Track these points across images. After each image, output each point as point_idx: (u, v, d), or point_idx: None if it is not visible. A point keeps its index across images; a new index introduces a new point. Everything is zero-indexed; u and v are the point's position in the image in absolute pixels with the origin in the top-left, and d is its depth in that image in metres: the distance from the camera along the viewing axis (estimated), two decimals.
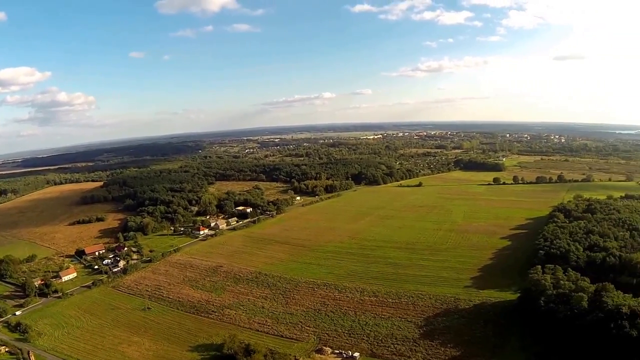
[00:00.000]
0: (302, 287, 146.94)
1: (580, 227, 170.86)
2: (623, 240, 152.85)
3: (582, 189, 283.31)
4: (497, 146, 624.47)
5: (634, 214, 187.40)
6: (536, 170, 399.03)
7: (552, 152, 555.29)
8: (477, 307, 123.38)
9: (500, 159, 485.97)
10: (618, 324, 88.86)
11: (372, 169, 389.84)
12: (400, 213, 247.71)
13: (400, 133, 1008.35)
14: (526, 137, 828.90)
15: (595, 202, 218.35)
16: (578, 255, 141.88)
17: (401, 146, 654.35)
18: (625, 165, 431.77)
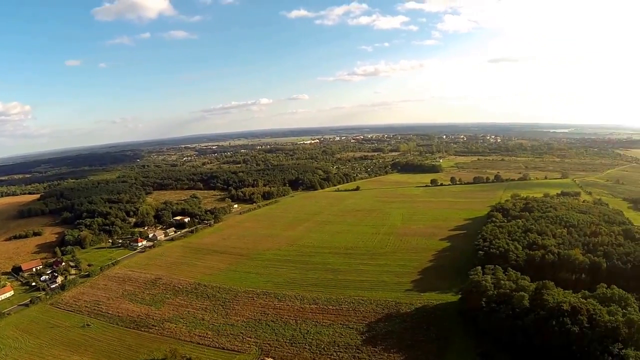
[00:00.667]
0: (242, 297, 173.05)
1: (518, 226, 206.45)
2: (561, 237, 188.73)
3: (519, 188, 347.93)
4: (434, 148, 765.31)
5: (571, 211, 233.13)
6: (473, 170, 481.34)
7: (488, 152, 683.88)
8: (418, 310, 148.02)
9: (438, 160, 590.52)
10: (560, 320, 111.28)
11: (309, 174, 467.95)
12: (338, 218, 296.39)
13: (337, 137, 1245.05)
14: (463, 138, 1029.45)
15: (532, 200, 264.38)
16: (517, 254, 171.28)
17: (338, 150, 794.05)
18: (560, 163, 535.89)
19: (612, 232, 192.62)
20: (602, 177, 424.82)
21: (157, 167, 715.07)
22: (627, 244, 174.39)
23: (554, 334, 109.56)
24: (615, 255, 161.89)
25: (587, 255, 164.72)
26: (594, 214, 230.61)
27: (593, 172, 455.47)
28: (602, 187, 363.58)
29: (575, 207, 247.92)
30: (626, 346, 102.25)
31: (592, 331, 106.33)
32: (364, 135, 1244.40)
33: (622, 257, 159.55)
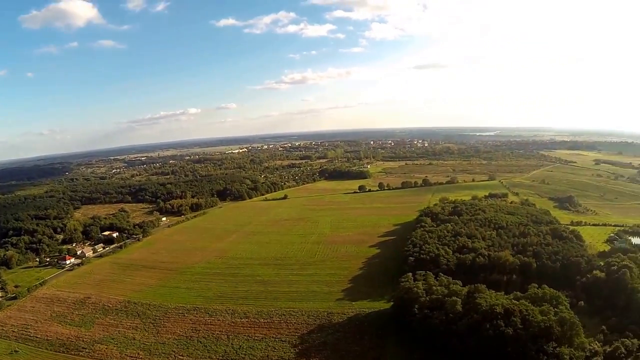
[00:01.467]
0: (173, 313, 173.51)
1: (448, 230, 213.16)
2: (490, 239, 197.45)
3: (448, 191, 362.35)
4: (362, 154, 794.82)
5: (499, 213, 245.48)
6: (401, 175, 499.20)
7: (416, 157, 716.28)
8: (351, 319, 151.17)
9: (365, 166, 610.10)
10: (494, 323, 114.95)
11: (237, 184, 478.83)
12: (266, 228, 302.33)
13: (266, 145, 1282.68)
14: (390, 143, 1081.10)
15: (460, 203, 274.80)
16: (448, 258, 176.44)
17: (266, 159, 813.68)
18: (487, 165, 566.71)
19: (540, 232, 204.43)
20: (528, 177, 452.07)
21: (86, 180, 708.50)
22: (555, 243, 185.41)
23: (488, 337, 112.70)
24: (544, 254, 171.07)
25: (517, 256, 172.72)
26: (522, 214, 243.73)
27: (519, 173, 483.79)
28: (529, 188, 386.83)
29: (504, 209, 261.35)
30: (560, 344, 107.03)
31: (526, 332, 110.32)
32: (292, 143, 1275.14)
33: (551, 256, 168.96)
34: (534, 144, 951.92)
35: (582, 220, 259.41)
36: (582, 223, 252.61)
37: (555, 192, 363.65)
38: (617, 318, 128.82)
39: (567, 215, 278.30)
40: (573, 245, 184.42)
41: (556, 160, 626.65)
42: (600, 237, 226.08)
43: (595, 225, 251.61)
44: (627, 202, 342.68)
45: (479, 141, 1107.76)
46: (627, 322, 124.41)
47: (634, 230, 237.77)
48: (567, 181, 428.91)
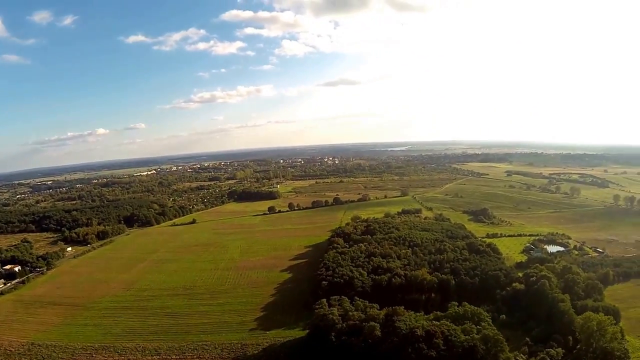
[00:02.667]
0: (80, 354, 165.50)
1: (361, 251, 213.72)
2: (406, 258, 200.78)
3: (360, 209, 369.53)
4: (272, 173, 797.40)
5: (413, 230, 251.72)
6: (312, 194, 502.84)
7: (326, 174, 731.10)
8: (266, 350, 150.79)
9: (275, 186, 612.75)
10: (415, 347, 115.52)
11: (145, 209, 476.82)
12: (175, 255, 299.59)
13: (175, 167, 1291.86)
14: (300, 161, 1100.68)
15: (373, 222, 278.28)
16: (363, 280, 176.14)
17: (175, 181, 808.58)
18: (399, 181, 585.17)
19: (456, 247, 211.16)
20: (442, 191, 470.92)
21: None
22: (472, 258, 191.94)
23: None
24: (462, 270, 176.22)
25: (434, 274, 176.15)
26: (437, 230, 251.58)
27: (432, 187, 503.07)
28: (442, 202, 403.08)
29: (418, 225, 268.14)
30: None
31: (450, 353, 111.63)
32: (201, 164, 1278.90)
33: (469, 272, 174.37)
34: (445, 158, 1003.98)
35: (498, 232, 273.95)
36: (497, 235, 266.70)
37: (469, 205, 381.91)
38: (540, 329, 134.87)
39: (482, 228, 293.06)
40: (490, 258, 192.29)
41: (469, 173, 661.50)
42: (517, 247, 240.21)
43: (510, 237, 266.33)
44: (540, 211, 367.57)
45: (391, 156, 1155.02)
46: (550, 332, 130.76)
47: (549, 238, 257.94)
48: (481, 193, 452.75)
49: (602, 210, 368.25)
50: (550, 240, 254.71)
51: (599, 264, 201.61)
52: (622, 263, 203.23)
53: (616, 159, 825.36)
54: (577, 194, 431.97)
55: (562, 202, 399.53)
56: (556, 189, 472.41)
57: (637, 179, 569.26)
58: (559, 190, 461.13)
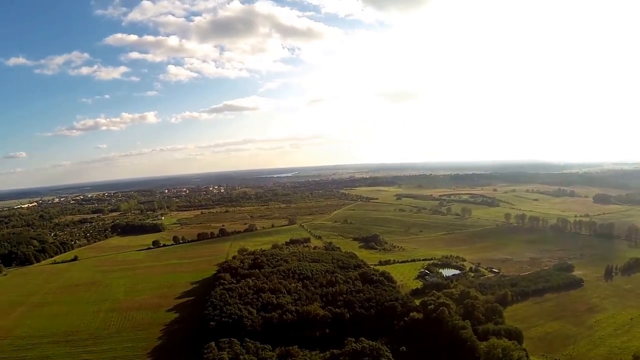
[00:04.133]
0: None
1: (249, 286, 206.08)
2: (297, 292, 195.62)
3: (247, 240, 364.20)
4: (156, 204, 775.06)
5: (303, 262, 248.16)
6: (197, 226, 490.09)
7: (212, 204, 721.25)
8: None
9: (159, 218, 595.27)
10: None
11: (24, 245, 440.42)
12: (56, 297, 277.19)
13: (57, 198, 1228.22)
14: (185, 191, 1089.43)
15: (261, 254, 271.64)
16: (253, 319, 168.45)
17: (57, 214, 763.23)
18: (286, 209, 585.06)
19: (349, 278, 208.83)
20: (330, 218, 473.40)
21: None
22: (366, 288, 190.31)
23: None
24: (357, 303, 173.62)
25: (327, 308, 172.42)
26: (328, 261, 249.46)
27: (320, 214, 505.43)
28: (331, 229, 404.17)
29: (307, 256, 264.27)
30: None
31: None
32: (84, 195, 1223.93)
33: (364, 304, 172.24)
34: (333, 183, 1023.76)
35: (391, 259, 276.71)
36: (390, 261, 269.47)
37: (360, 231, 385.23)
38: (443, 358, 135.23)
39: (374, 255, 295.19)
40: (385, 288, 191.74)
41: (357, 198, 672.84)
42: (411, 273, 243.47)
43: (404, 262, 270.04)
44: (432, 233, 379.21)
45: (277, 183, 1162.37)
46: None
47: (443, 261, 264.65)
48: (371, 219, 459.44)
49: (495, 229, 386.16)
50: (445, 264, 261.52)
51: (496, 285, 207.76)
52: (518, 282, 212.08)
53: (504, 178, 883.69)
54: (469, 214, 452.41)
55: (454, 224, 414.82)
56: (447, 210, 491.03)
57: (526, 197, 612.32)
58: (450, 212, 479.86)
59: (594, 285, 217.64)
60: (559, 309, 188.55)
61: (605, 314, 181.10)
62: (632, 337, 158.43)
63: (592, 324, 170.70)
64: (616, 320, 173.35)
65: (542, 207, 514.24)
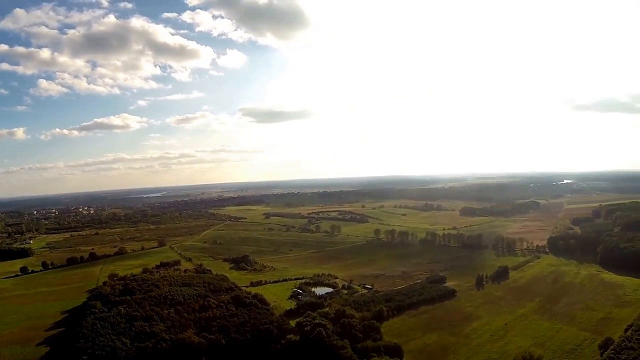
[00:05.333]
0: None
1: (121, 315, 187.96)
2: (169, 319, 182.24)
3: (117, 264, 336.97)
4: (24, 227, 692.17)
5: (174, 287, 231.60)
6: (67, 250, 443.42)
7: (82, 226, 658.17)
8: None
9: (28, 241, 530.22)
10: None
11: None
12: None
13: None
14: (55, 212, 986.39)
15: (132, 280, 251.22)
16: (127, 350, 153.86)
17: None
18: (155, 230, 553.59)
19: (222, 302, 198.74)
20: (200, 239, 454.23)
21: None
22: (239, 312, 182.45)
23: None
24: (231, 328, 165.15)
25: (202, 334, 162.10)
26: (199, 284, 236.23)
27: (190, 235, 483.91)
28: (201, 251, 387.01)
29: (179, 280, 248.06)
30: None
31: None
32: None
33: (239, 328, 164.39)
34: (202, 203, 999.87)
35: (262, 279, 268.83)
36: (262, 282, 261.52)
37: (230, 252, 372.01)
38: None
39: (245, 276, 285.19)
40: (259, 311, 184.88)
41: (226, 217, 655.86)
42: (284, 293, 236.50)
43: (276, 282, 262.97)
44: (302, 252, 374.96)
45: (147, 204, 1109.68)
46: None
47: (315, 280, 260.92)
48: (240, 238, 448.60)
49: (365, 245, 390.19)
50: (317, 282, 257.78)
51: (371, 301, 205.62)
52: (393, 297, 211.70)
53: (372, 194, 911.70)
54: (338, 231, 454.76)
55: (324, 241, 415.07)
56: (316, 228, 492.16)
57: (394, 212, 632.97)
58: (319, 229, 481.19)
59: (466, 295, 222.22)
60: (435, 320, 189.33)
61: (480, 321, 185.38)
62: (508, 341, 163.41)
63: (469, 333, 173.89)
64: (491, 327, 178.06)
65: (411, 221, 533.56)
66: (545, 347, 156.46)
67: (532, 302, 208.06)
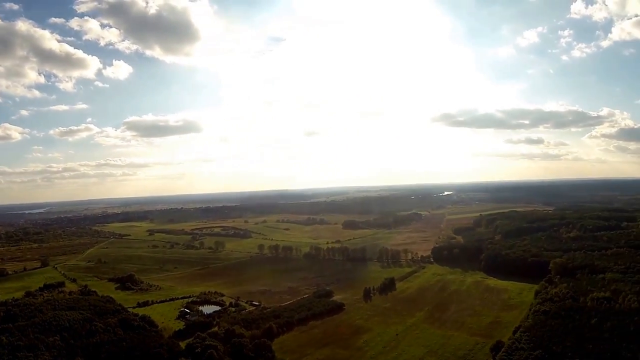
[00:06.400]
0: None
1: (3, 345, 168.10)
2: (55, 347, 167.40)
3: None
4: None
5: (59, 311, 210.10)
6: None
7: None
8: None
9: None
10: None
11: None
12: None
13: None
14: None
15: (13, 305, 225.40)
16: None
17: None
18: (38, 249, 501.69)
19: (109, 326, 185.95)
20: (84, 258, 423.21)
21: None
22: (128, 336, 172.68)
23: None
24: (121, 354, 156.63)
25: None
26: (85, 307, 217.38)
27: (74, 254, 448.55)
28: (86, 271, 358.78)
29: (63, 304, 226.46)
30: None
31: None
32: None
33: (129, 354, 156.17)
34: (86, 219, 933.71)
35: (149, 299, 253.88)
36: (149, 302, 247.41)
37: (115, 271, 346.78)
38: None
39: (131, 297, 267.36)
40: (148, 334, 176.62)
41: (110, 235, 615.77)
42: (171, 313, 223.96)
43: (163, 302, 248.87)
44: (187, 269, 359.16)
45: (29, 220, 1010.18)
46: None
47: (202, 298, 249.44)
48: (125, 257, 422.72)
49: (249, 261, 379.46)
50: (204, 300, 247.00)
51: (259, 319, 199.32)
52: (281, 313, 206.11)
53: (255, 209, 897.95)
54: (222, 247, 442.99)
55: (209, 258, 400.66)
56: (200, 244, 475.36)
57: (277, 227, 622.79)
58: (203, 246, 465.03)
59: (355, 308, 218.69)
60: (326, 335, 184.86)
61: (371, 333, 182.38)
62: (401, 351, 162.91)
63: (361, 345, 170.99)
64: (383, 339, 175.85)
65: (294, 236, 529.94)
66: (438, 355, 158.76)
67: (421, 312, 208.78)
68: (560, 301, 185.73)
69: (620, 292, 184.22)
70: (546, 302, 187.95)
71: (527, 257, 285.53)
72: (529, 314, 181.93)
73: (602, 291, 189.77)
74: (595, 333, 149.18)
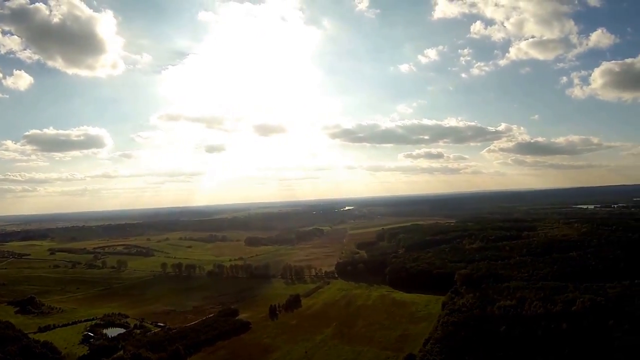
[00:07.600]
0: None
1: None
2: None
3: None
4: None
5: None
6: None
7: None
8: None
9: None
10: None
11: None
12: None
13: None
14: None
15: None
16: None
17: None
18: None
19: (8, 355, 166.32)
20: None
21: None
22: None
23: None
24: None
25: None
26: None
27: None
28: None
29: None
30: None
31: None
32: None
33: None
34: None
35: (51, 323, 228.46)
36: (51, 327, 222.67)
37: (14, 293, 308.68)
38: None
39: (32, 321, 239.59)
40: None
41: (9, 254, 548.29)
42: (75, 338, 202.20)
43: (65, 326, 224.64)
44: (90, 290, 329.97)
45: None
46: None
47: (106, 321, 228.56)
48: (25, 278, 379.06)
49: (153, 280, 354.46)
50: (108, 323, 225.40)
51: (165, 341, 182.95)
52: (188, 334, 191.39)
53: (156, 227, 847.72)
54: (125, 266, 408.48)
55: (112, 277, 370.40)
56: (103, 263, 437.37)
57: (180, 245, 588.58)
58: (105, 265, 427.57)
59: (262, 326, 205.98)
60: (234, 355, 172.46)
61: (280, 352, 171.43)
62: None
63: None
64: (292, 357, 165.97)
65: (197, 253, 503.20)
66: None
67: (329, 328, 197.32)
68: (468, 311, 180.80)
69: (525, 299, 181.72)
70: (454, 313, 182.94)
71: (432, 270, 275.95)
72: (437, 326, 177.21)
73: (508, 299, 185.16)
74: (505, 341, 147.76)
